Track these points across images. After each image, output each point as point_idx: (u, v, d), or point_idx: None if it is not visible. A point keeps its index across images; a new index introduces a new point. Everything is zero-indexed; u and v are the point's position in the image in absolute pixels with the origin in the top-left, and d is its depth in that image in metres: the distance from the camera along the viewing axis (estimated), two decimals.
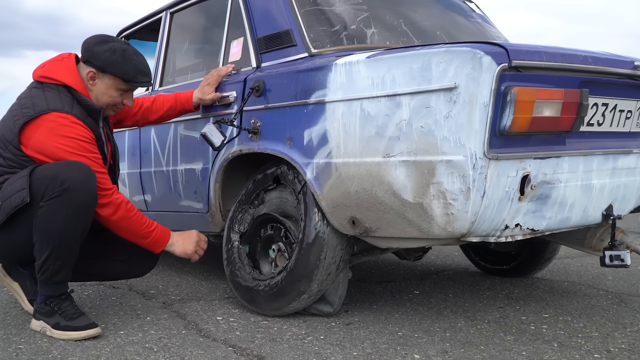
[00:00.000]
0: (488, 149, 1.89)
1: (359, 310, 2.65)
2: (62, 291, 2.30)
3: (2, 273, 2.59)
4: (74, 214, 2.19)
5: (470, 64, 1.86)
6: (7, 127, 2.30)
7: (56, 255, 2.21)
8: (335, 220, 2.28)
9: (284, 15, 2.56)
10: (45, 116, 2.26)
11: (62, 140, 2.25)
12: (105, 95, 2.43)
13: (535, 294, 3.03)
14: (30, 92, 2.36)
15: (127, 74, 2.39)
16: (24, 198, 2.16)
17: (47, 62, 2.44)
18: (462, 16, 3.05)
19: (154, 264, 2.63)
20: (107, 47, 2.38)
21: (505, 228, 2.06)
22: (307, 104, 2.29)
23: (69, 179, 2.17)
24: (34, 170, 2.23)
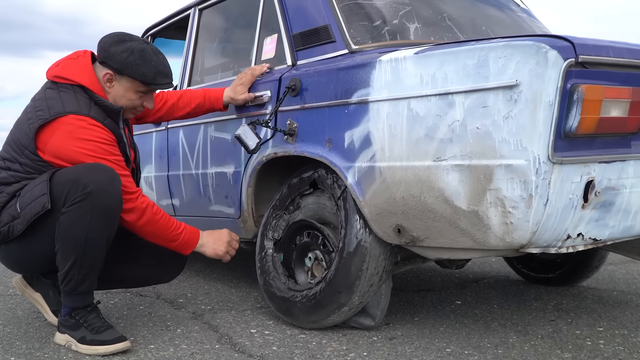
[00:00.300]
0: (552, 152, 1.72)
1: (401, 322, 2.49)
2: (88, 302, 2.17)
3: (22, 284, 2.47)
4: (98, 219, 2.06)
5: (534, 59, 1.70)
6: (22, 131, 2.17)
7: (80, 263, 2.08)
8: (379, 228, 2.12)
9: (322, 10, 2.41)
10: (61, 119, 2.12)
11: (81, 144, 2.12)
12: (123, 98, 2.28)
13: (585, 304, 2.85)
14: (44, 93, 2.23)
15: (146, 76, 2.23)
16: (44, 204, 2.04)
17: (61, 61, 2.30)
18: (507, 10, 2.88)
19: (182, 267, 2.51)
20: (124, 47, 2.22)
21: (567, 238, 1.90)
22: (349, 103, 2.14)
23: (92, 183, 2.04)
24: (53, 174, 2.10)
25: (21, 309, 2.73)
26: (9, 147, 2.23)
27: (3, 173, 2.20)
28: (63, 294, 2.16)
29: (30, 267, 2.35)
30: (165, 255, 2.41)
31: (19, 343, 2.24)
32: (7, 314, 2.64)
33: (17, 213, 2.10)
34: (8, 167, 2.20)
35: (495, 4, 2.88)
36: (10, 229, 2.13)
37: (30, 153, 2.15)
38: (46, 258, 2.17)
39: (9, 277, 3.46)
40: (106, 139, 2.18)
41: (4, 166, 2.21)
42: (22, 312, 2.67)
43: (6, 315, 2.62)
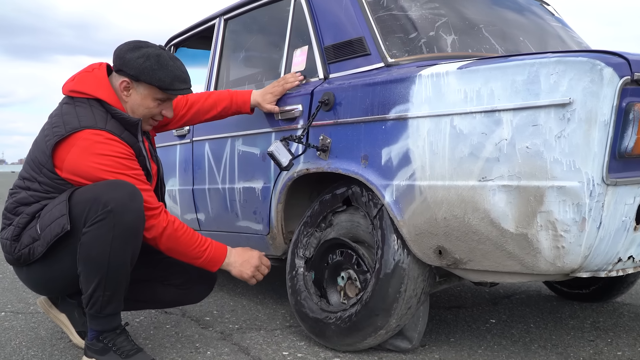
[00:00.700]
0: (607, 173, 1.64)
1: (436, 343, 2.41)
2: (116, 324, 2.10)
3: (47, 304, 2.41)
4: (121, 237, 1.99)
5: (589, 77, 1.62)
6: (40, 149, 2.12)
7: (105, 284, 2.01)
8: (418, 249, 2.04)
9: (356, 22, 2.34)
10: (77, 134, 2.06)
11: (98, 159, 2.05)
12: (141, 107, 2.21)
13: (622, 322, 2.76)
14: (61, 108, 2.17)
15: (163, 82, 2.16)
16: (64, 225, 1.98)
17: (77, 75, 2.24)
18: (542, 20, 2.80)
19: (210, 288, 2.43)
20: (140, 54, 2.15)
21: (618, 261, 1.82)
22: (386, 119, 2.06)
23: (112, 200, 1.97)
24: (72, 194, 2.04)
25: (44, 329, 2.66)
26: (28, 166, 2.18)
27: (23, 193, 2.15)
28: (89, 317, 2.09)
29: (53, 289, 2.29)
30: (193, 275, 2.34)
31: None
32: (30, 334, 2.58)
33: (38, 234, 2.04)
34: (28, 186, 2.15)
35: (530, 13, 2.80)
36: (31, 251, 2.07)
37: (48, 171, 2.09)
38: (69, 279, 2.11)
39: (28, 293, 3.41)
40: (124, 153, 2.11)
41: (23, 186, 2.16)
42: (46, 332, 2.61)
43: (29, 336, 2.55)
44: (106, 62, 2.29)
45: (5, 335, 2.55)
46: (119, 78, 2.19)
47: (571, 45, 2.74)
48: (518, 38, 2.55)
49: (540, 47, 2.59)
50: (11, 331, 2.62)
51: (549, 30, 2.77)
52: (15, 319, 2.83)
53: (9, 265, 4.24)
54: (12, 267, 4.06)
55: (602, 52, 1.68)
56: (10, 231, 2.12)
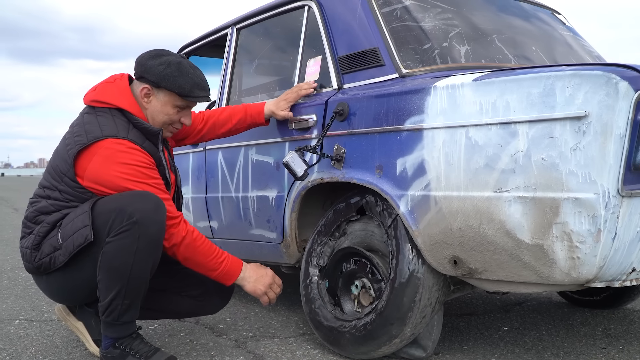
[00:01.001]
0: (622, 185, 1.66)
1: (450, 352, 2.42)
2: (131, 331, 2.13)
3: (65, 312, 2.43)
4: (144, 248, 2.02)
5: (604, 90, 1.64)
6: (61, 158, 2.15)
7: (125, 294, 2.04)
8: (433, 259, 2.06)
9: (370, 33, 2.36)
10: (99, 143, 2.09)
11: (120, 168, 2.08)
12: (161, 113, 2.26)
13: (633, 329, 2.77)
14: (82, 118, 2.20)
15: (183, 88, 2.21)
16: (87, 236, 2.01)
17: (98, 85, 2.28)
18: (554, 30, 2.81)
19: (226, 301, 2.45)
20: (161, 61, 2.20)
21: (632, 271, 1.83)
22: (401, 130, 2.08)
23: (137, 211, 2.00)
24: (95, 204, 2.06)
25: (59, 337, 2.69)
26: (48, 175, 2.20)
27: (43, 202, 2.18)
28: (104, 325, 2.11)
29: (72, 298, 2.31)
30: (210, 287, 2.37)
31: None
32: (46, 342, 2.60)
33: (59, 244, 2.07)
34: (48, 195, 2.17)
35: (542, 22, 2.81)
36: (52, 260, 2.10)
37: (69, 180, 2.11)
38: (88, 289, 2.14)
39: (41, 300, 3.43)
40: (145, 163, 2.14)
41: (44, 195, 2.19)
42: (61, 340, 2.63)
43: (44, 344, 2.58)
44: (127, 73, 2.32)
45: (20, 344, 2.58)
46: (139, 85, 2.23)
47: (582, 54, 2.76)
48: (530, 48, 2.56)
49: (552, 57, 2.61)
50: (26, 339, 2.65)
51: (560, 39, 2.79)
52: (30, 327, 2.85)
53: (21, 273, 4.29)
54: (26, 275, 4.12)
55: (617, 66, 1.69)
56: (31, 240, 2.14)
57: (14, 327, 2.84)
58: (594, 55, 2.87)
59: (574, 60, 2.67)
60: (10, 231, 7.31)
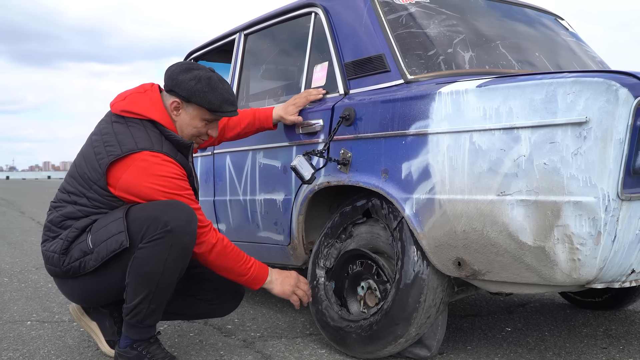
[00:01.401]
0: (621, 189, 1.71)
1: (454, 352, 2.47)
2: (152, 334, 2.19)
3: (80, 312, 2.48)
4: (175, 256, 2.09)
5: (604, 97, 1.69)
6: (91, 167, 2.18)
7: (152, 298, 2.10)
8: (438, 260, 2.11)
9: (375, 39, 2.41)
10: (134, 155, 2.14)
11: (156, 180, 2.14)
12: (189, 126, 2.31)
13: (634, 330, 2.81)
14: (112, 127, 2.23)
15: (212, 104, 2.26)
16: (122, 242, 2.06)
17: (129, 94, 2.31)
18: (557, 35, 2.86)
19: (238, 304, 2.51)
20: (192, 76, 2.25)
21: (631, 272, 1.88)
22: (406, 135, 2.14)
23: (172, 221, 2.06)
24: (129, 211, 2.11)
25: (71, 337, 2.74)
26: (74, 181, 2.24)
27: (69, 207, 2.21)
28: (127, 325, 2.16)
29: (95, 300, 2.36)
30: (225, 290, 2.42)
31: None
32: (58, 343, 2.65)
33: (90, 249, 2.11)
34: (74, 201, 2.21)
35: (545, 28, 2.86)
36: (82, 264, 2.14)
37: (99, 188, 2.16)
38: (113, 292, 2.20)
39: (52, 301, 3.49)
40: (179, 175, 2.20)
41: (69, 200, 2.22)
42: (73, 341, 2.69)
43: (57, 345, 2.63)
44: (157, 84, 2.38)
45: (33, 344, 2.63)
46: (169, 98, 2.28)
47: (585, 60, 2.81)
48: (534, 53, 2.61)
49: (555, 62, 2.65)
50: (39, 340, 2.70)
51: (563, 45, 2.83)
52: (42, 328, 2.90)
53: (30, 275, 4.35)
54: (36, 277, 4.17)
55: (617, 73, 1.74)
56: (59, 244, 2.18)
57: (26, 328, 2.90)
58: (597, 60, 2.92)
59: (577, 65, 2.72)
60: (17, 234, 7.38)
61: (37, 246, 6.00)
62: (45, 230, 2.27)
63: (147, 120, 2.23)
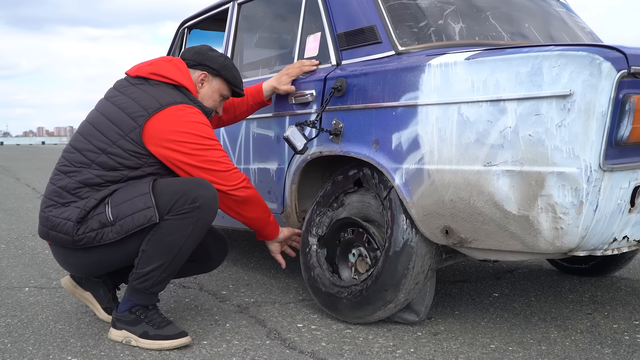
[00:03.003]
0: (603, 160, 1.76)
1: (442, 316, 2.55)
2: (154, 301, 2.26)
3: (72, 284, 2.51)
4: (198, 231, 2.18)
5: (588, 70, 1.73)
6: (121, 121, 2.20)
7: (166, 267, 2.17)
8: (426, 228, 2.17)
9: (367, 10, 2.44)
10: (172, 107, 2.23)
11: (194, 126, 2.23)
12: (210, 99, 2.46)
13: (619, 296, 2.89)
14: (138, 88, 2.28)
15: (236, 79, 2.47)
16: (151, 217, 2.10)
17: (154, 62, 2.39)
18: (547, 6, 2.89)
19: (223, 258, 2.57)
20: (219, 54, 2.47)
21: (613, 241, 1.94)
22: (397, 106, 2.18)
23: (201, 197, 2.14)
24: (154, 186, 2.16)
25: (69, 303, 2.80)
26: (91, 138, 2.22)
27: (85, 172, 2.19)
28: (132, 289, 2.21)
29: (98, 271, 2.38)
30: (212, 249, 2.47)
31: (73, 340, 2.31)
32: (56, 309, 2.71)
33: (110, 221, 2.12)
34: (92, 160, 2.19)
35: None
36: (98, 235, 2.14)
37: (126, 142, 2.18)
38: (119, 264, 2.27)
39: (49, 268, 3.55)
40: (210, 126, 2.32)
41: (84, 161, 2.20)
42: (71, 307, 2.75)
43: (55, 310, 2.69)
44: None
45: (31, 310, 2.69)
46: (196, 72, 2.43)
47: (575, 30, 2.84)
48: (523, 25, 2.64)
49: (545, 33, 2.69)
50: (37, 306, 2.76)
51: (553, 14, 2.86)
52: (40, 294, 2.97)
53: (27, 242, 4.41)
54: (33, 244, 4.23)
55: (601, 47, 1.78)
56: (75, 213, 2.15)
57: (24, 295, 2.96)
58: (587, 31, 2.95)
59: (567, 36, 2.75)
60: (13, 200, 7.42)
61: (34, 212, 6.04)
62: (52, 195, 2.22)
63: (175, 84, 2.32)
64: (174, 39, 3.80)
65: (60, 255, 2.30)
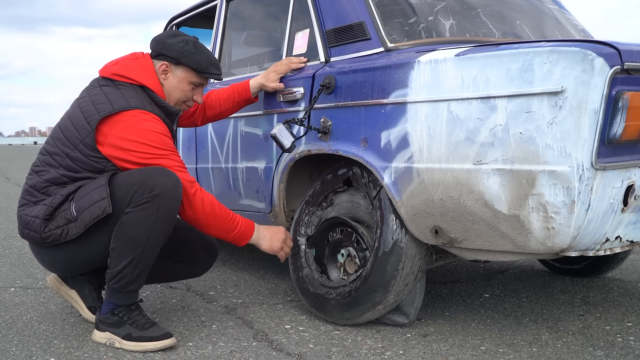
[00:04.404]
0: (596, 159, 1.72)
1: (432, 318, 2.51)
2: (134, 300, 2.20)
3: (57, 282, 2.48)
4: (162, 221, 2.10)
5: (580, 66, 1.69)
6: (79, 125, 2.18)
7: (137, 263, 2.11)
8: (416, 228, 2.13)
9: (356, 6, 2.40)
10: (125, 112, 2.16)
11: (146, 135, 2.15)
12: (177, 90, 2.35)
13: (612, 297, 2.86)
14: (101, 89, 2.24)
15: (200, 64, 2.32)
16: (105, 208, 2.05)
17: (120, 60, 2.33)
18: (539, 4, 2.85)
19: (213, 262, 2.52)
20: (179, 39, 2.32)
21: (605, 241, 1.91)
22: (385, 103, 2.14)
23: (159, 185, 2.07)
24: (113, 177, 2.12)
25: (54, 304, 2.75)
26: (57, 142, 2.22)
27: (52, 171, 2.20)
28: (110, 290, 2.17)
29: (75, 269, 2.36)
30: (200, 250, 2.44)
31: (57, 342, 2.26)
32: (41, 309, 2.67)
33: (73, 216, 2.10)
34: (58, 163, 2.19)
35: None
36: (64, 232, 2.13)
37: (84, 147, 2.15)
38: (94, 261, 2.21)
39: (35, 268, 3.49)
40: (167, 133, 2.23)
41: (53, 163, 2.21)
42: (56, 307, 2.70)
43: (39, 311, 2.64)
44: (148, 52, 2.40)
45: (16, 311, 2.64)
46: (158, 62, 2.33)
47: (567, 27, 2.81)
48: (515, 22, 2.61)
49: (537, 30, 2.65)
50: (22, 306, 2.71)
51: (546, 12, 2.83)
52: (25, 295, 2.92)
53: (15, 242, 4.35)
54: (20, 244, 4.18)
55: (594, 42, 1.75)
56: (42, 210, 2.15)
57: (9, 295, 2.91)
58: (579, 28, 2.92)
59: (559, 33, 2.72)
60: (2, 200, 7.35)
61: None
62: (25, 195, 2.25)
63: (138, 85, 2.26)
64: None
65: (36, 252, 2.31)
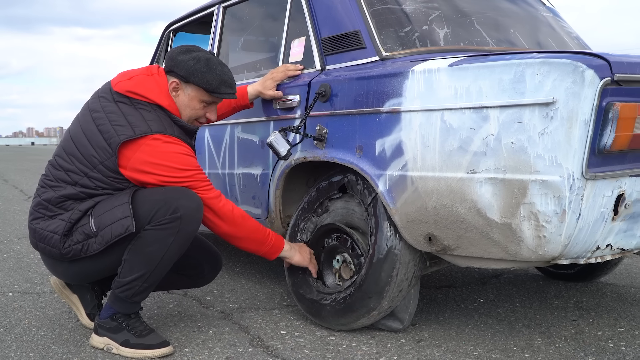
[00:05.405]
0: (586, 169, 1.75)
1: (426, 323, 2.54)
2: (135, 310, 2.23)
3: (61, 285, 2.51)
4: (180, 242, 2.12)
5: (571, 78, 1.72)
6: (97, 146, 2.14)
7: (147, 278, 2.13)
8: (410, 235, 2.16)
9: (352, 15, 2.42)
10: (148, 136, 2.13)
11: (169, 157, 2.15)
12: (188, 108, 2.30)
13: (605, 302, 2.89)
14: (118, 107, 2.19)
15: (210, 84, 2.24)
16: (128, 227, 2.06)
17: (135, 75, 2.28)
18: (534, 11, 2.88)
19: (217, 274, 2.54)
20: (191, 56, 2.24)
21: (596, 249, 1.93)
22: (380, 112, 2.16)
23: (182, 207, 2.09)
24: (135, 195, 2.13)
25: (52, 309, 2.78)
26: (74, 159, 2.19)
27: (69, 188, 2.18)
28: (114, 297, 2.19)
29: (83, 279, 2.37)
30: (205, 264, 2.45)
31: (55, 347, 2.28)
32: (39, 314, 2.69)
33: (93, 232, 2.10)
34: (75, 181, 2.17)
35: (522, 2, 2.88)
36: (84, 247, 2.12)
37: (104, 168, 2.13)
38: (103, 272, 2.24)
39: (34, 273, 3.51)
40: (191, 153, 2.23)
41: (69, 180, 2.18)
42: (54, 312, 2.72)
43: (37, 316, 2.67)
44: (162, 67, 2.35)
45: (14, 316, 2.66)
46: (169, 79, 2.27)
47: (562, 35, 2.84)
48: (509, 29, 2.64)
49: (531, 38, 2.68)
50: (20, 312, 2.73)
51: (539, 20, 2.86)
52: (23, 299, 2.94)
53: (12, 246, 4.37)
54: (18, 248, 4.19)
55: (584, 54, 1.77)
56: (60, 226, 2.14)
57: (8, 300, 2.93)
58: (573, 36, 2.95)
59: (553, 42, 2.75)
60: (0, 203, 7.36)
61: (20, 215, 5.99)
62: (38, 208, 2.22)
63: (155, 104, 2.22)
64: (159, 42, 3.77)
65: (48, 263, 2.31)
